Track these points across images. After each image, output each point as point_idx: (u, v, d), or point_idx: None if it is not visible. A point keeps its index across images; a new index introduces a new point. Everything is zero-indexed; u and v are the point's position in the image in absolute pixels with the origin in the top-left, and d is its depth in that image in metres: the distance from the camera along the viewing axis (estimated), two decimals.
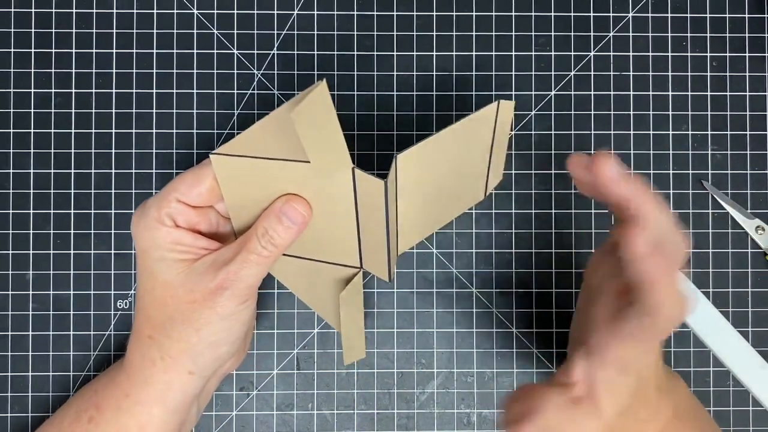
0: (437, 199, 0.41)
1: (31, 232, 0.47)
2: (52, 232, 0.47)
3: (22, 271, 0.47)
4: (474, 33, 0.48)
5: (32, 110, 0.47)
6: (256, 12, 0.48)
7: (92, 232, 0.47)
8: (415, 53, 0.48)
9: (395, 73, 0.48)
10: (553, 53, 0.48)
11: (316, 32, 0.48)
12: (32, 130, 0.47)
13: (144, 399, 0.38)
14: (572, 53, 0.48)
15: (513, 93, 0.48)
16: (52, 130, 0.47)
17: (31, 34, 0.47)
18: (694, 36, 0.48)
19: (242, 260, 0.36)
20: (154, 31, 0.48)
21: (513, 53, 0.48)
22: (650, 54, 0.48)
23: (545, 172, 0.48)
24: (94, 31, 0.48)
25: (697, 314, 0.47)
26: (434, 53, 0.48)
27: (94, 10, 0.48)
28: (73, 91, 0.47)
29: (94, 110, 0.47)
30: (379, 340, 0.47)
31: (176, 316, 0.36)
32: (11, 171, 0.47)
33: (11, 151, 0.47)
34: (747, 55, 0.48)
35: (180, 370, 0.37)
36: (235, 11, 0.48)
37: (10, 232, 0.47)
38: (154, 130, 0.47)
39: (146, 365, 0.38)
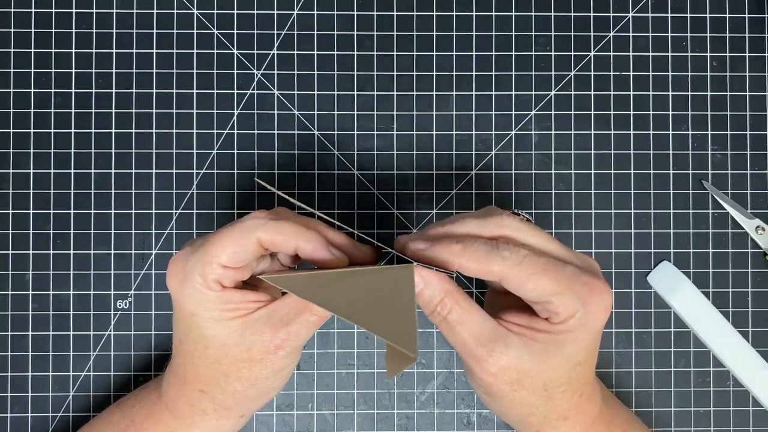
0: None
1: (31, 232, 0.47)
2: (52, 232, 0.47)
3: (22, 271, 0.47)
4: (474, 33, 0.48)
5: (32, 110, 0.47)
6: (256, 12, 0.48)
7: (92, 232, 0.47)
8: (415, 53, 0.48)
9: (395, 74, 0.48)
10: (553, 53, 0.48)
11: (316, 32, 0.48)
12: (32, 130, 0.47)
13: None
14: (572, 53, 0.48)
15: (513, 93, 0.48)
16: (52, 130, 0.47)
17: (31, 34, 0.47)
18: (694, 36, 0.48)
19: (303, 322, 0.35)
20: (154, 31, 0.48)
21: (513, 53, 0.48)
22: (650, 54, 0.48)
23: (545, 172, 0.48)
24: (94, 31, 0.48)
25: (698, 314, 0.47)
26: (434, 53, 0.48)
27: (94, 10, 0.48)
28: (73, 91, 0.47)
29: (94, 110, 0.47)
30: (380, 340, 0.47)
31: (231, 373, 0.36)
32: (11, 171, 0.47)
33: (11, 151, 0.47)
34: (747, 55, 0.48)
35: (233, 417, 0.38)
36: (235, 11, 0.48)
37: (10, 232, 0.47)
38: (154, 130, 0.47)
39: (196, 413, 0.38)
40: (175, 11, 0.48)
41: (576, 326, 0.34)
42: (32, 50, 0.47)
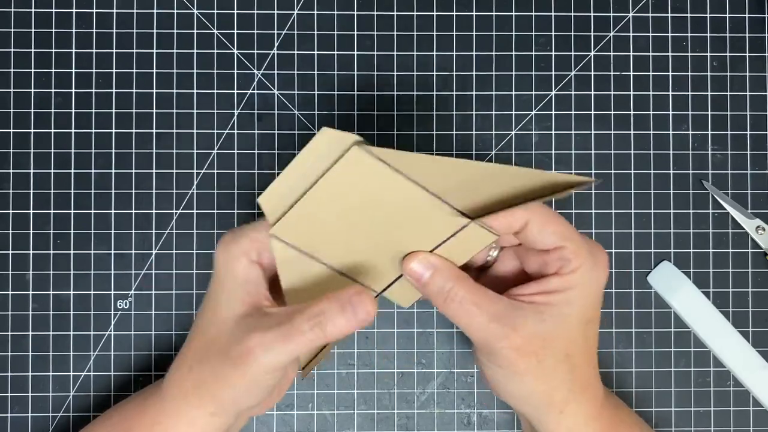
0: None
1: (31, 232, 0.47)
2: (52, 232, 0.47)
3: (22, 271, 0.47)
4: (474, 33, 0.48)
5: (32, 110, 0.47)
6: (256, 12, 0.48)
7: (92, 232, 0.47)
8: (415, 53, 0.48)
9: (395, 73, 0.48)
10: (553, 53, 0.48)
11: (316, 32, 0.48)
12: (32, 130, 0.47)
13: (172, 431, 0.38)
14: (572, 53, 0.48)
15: (513, 93, 0.48)
16: (52, 130, 0.47)
17: (31, 34, 0.47)
18: (694, 36, 0.48)
19: (282, 333, 0.32)
20: (154, 31, 0.48)
21: (513, 53, 0.48)
22: (650, 54, 0.48)
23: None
24: (94, 31, 0.48)
25: (698, 314, 0.47)
26: (434, 53, 0.48)
27: (94, 10, 0.48)
28: (73, 91, 0.47)
29: (94, 110, 0.47)
30: (379, 340, 0.47)
31: (212, 359, 0.35)
32: (11, 171, 0.47)
33: (11, 151, 0.47)
34: (747, 55, 0.48)
35: (205, 409, 0.37)
36: (235, 11, 0.48)
37: (10, 232, 0.47)
38: (154, 130, 0.47)
39: (180, 395, 0.37)
40: (175, 11, 0.48)
41: (584, 279, 0.35)
42: (32, 50, 0.47)
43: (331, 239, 0.35)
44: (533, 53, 0.48)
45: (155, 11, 0.48)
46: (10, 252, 0.47)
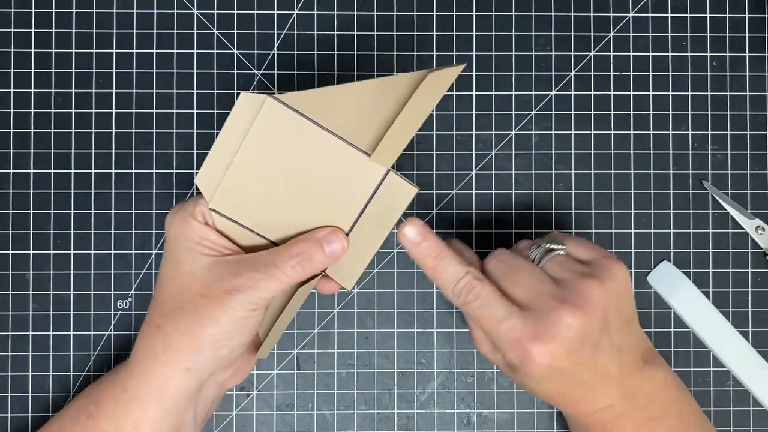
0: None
1: (31, 232, 0.47)
2: (52, 232, 0.47)
3: (22, 271, 0.47)
4: (474, 33, 0.48)
5: (32, 110, 0.47)
6: (256, 12, 0.48)
7: (92, 232, 0.47)
8: (415, 53, 0.48)
9: (395, 74, 0.48)
10: (553, 53, 0.48)
11: (316, 32, 0.48)
12: (32, 130, 0.47)
13: (141, 395, 0.38)
14: (572, 53, 0.48)
15: (513, 93, 0.48)
16: (52, 130, 0.47)
17: (31, 34, 0.47)
18: (694, 36, 0.48)
19: (267, 272, 0.36)
20: (154, 31, 0.48)
21: (513, 53, 0.48)
22: (650, 54, 0.48)
23: (545, 172, 0.48)
24: (94, 31, 0.48)
25: (698, 314, 0.47)
26: (434, 53, 0.48)
27: (94, 10, 0.48)
28: (73, 91, 0.47)
29: (94, 110, 0.47)
30: (379, 340, 0.47)
31: (186, 307, 0.37)
32: (11, 171, 0.47)
33: (11, 151, 0.47)
34: (747, 55, 0.48)
35: (178, 365, 0.37)
36: (235, 11, 0.48)
37: (10, 232, 0.47)
38: (154, 130, 0.47)
39: (148, 356, 0.38)
40: (175, 11, 0.48)
41: (512, 369, 0.38)
42: (32, 50, 0.47)
43: (267, 212, 0.38)
44: (533, 53, 0.48)
45: (155, 11, 0.48)
46: (10, 252, 0.47)
